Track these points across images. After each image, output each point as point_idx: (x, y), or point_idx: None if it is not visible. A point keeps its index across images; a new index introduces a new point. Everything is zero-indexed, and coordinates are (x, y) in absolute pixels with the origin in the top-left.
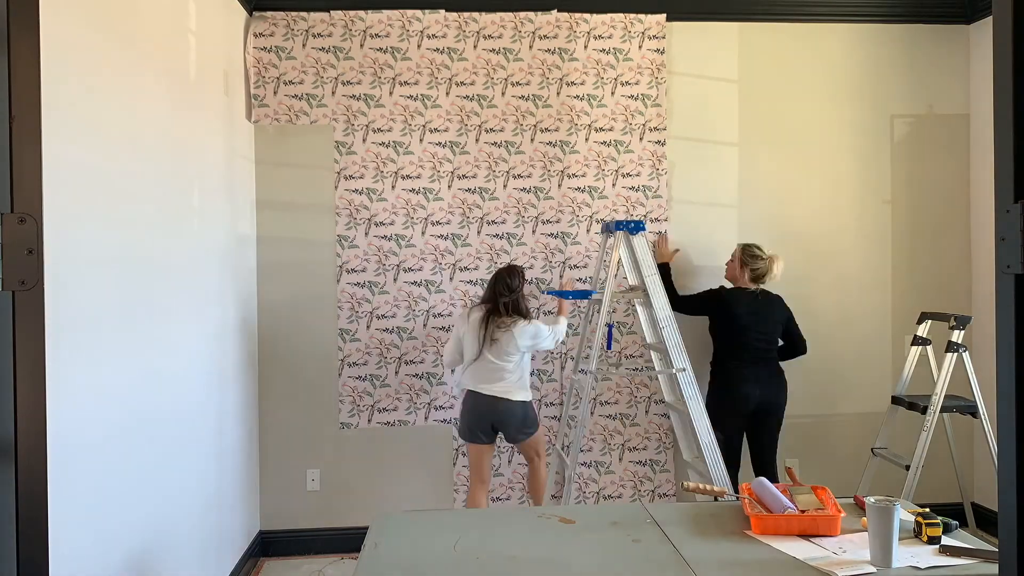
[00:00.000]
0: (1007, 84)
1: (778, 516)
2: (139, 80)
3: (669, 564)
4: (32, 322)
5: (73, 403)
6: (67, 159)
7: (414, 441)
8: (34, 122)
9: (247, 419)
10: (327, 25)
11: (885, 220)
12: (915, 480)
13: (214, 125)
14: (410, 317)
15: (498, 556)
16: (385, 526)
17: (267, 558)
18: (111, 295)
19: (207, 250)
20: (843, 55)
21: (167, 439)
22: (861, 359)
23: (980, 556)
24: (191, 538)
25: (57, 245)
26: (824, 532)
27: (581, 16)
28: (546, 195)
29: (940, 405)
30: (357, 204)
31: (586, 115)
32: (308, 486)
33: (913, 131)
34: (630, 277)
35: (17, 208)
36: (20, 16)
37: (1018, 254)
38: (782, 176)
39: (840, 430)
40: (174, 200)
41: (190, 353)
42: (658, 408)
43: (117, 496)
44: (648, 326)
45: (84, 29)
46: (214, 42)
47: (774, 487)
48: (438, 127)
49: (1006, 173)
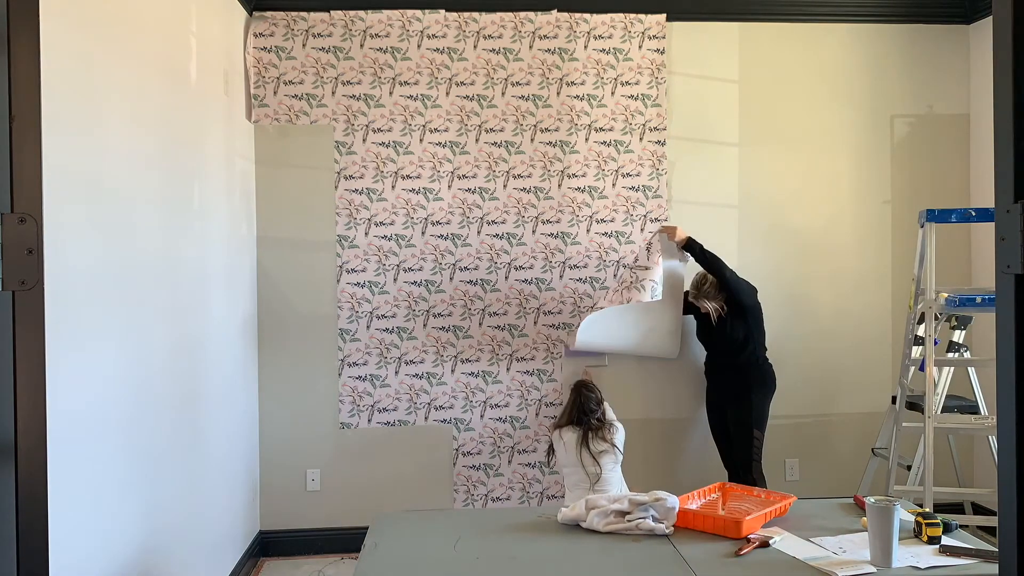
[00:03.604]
0: (1007, 84)
1: (695, 512)
2: (139, 80)
3: (669, 564)
4: (32, 322)
5: (72, 403)
6: (66, 159)
7: (414, 441)
8: (34, 122)
9: (247, 419)
10: (327, 25)
11: (885, 220)
12: (916, 480)
13: (214, 125)
14: (410, 317)
15: (498, 556)
16: (385, 526)
17: (267, 558)
18: (111, 296)
19: (207, 250)
20: (843, 55)
21: (167, 439)
22: (861, 359)
23: (980, 556)
24: (191, 538)
25: (57, 245)
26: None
27: (581, 16)
28: (546, 195)
29: (941, 405)
30: (357, 204)
31: (586, 115)
32: (308, 486)
33: (913, 131)
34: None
35: (17, 208)
36: (20, 16)
37: (1018, 254)
38: (782, 176)
39: (840, 430)
40: (174, 201)
41: (190, 354)
42: (548, 411)
43: (117, 497)
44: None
45: (84, 29)
46: (214, 42)
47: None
48: (438, 127)
49: (1006, 173)
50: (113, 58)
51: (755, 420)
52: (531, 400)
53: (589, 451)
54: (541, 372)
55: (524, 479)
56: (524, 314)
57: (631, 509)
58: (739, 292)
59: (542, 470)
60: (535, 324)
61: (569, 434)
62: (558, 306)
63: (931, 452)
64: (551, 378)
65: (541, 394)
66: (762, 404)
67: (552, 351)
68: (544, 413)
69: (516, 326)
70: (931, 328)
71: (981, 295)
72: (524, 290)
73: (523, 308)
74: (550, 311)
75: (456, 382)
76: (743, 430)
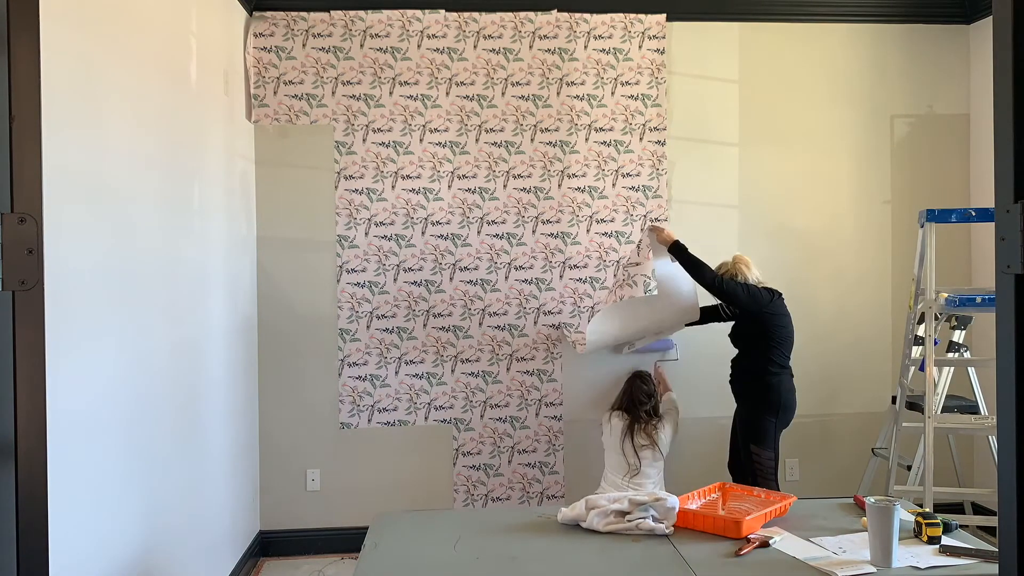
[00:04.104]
0: (1007, 84)
1: (695, 513)
2: (139, 80)
3: (669, 564)
4: (32, 322)
5: (72, 403)
6: (66, 160)
7: (414, 441)
8: (34, 122)
9: (247, 419)
10: (327, 25)
11: (885, 220)
12: (916, 480)
13: (214, 125)
14: (410, 317)
15: (498, 556)
16: (385, 526)
17: (267, 558)
18: (111, 296)
19: (207, 250)
20: (843, 55)
21: (167, 439)
22: (861, 359)
23: (980, 556)
24: (191, 538)
25: (57, 245)
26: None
27: (581, 16)
28: (546, 195)
29: (941, 405)
30: (357, 204)
31: (586, 115)
32: (308, 486)
33: (913, 131)
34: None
35: (17, 208)
36: (20, 16)
37: (1018, 254)
38: (782, 176)
39: (840, 430)
40: (174, 201)
41: (190, 353)
42: (548, 411)
43: (117, 497)
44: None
45: (84, 29)
46: (214, 42)
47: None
48: (438, 127)
49: (1006, 173)
50: (113, 58)
51: (754, 436)
52: (531, 400)
53: (632, 442)
54: (541, 372)
55: (524, 479)
56: (524, 314)
57: (631, 509)
58: (729, 295)
59: (542, 470)
60: (535, 324)
61: (617, 420)
62: (558, 306)
63: (931, 452)
64: (551, 378)
65: (541, 394)
66: (761, 422)
67: (552, 351)
68: (544, 413)
69: (516, 326)
70: (931, 328)
71: (981, 295)
72: (524, 290)
73: (523, 308)
74: (550, 311)
75: (456, 382)
76: (744, 442)
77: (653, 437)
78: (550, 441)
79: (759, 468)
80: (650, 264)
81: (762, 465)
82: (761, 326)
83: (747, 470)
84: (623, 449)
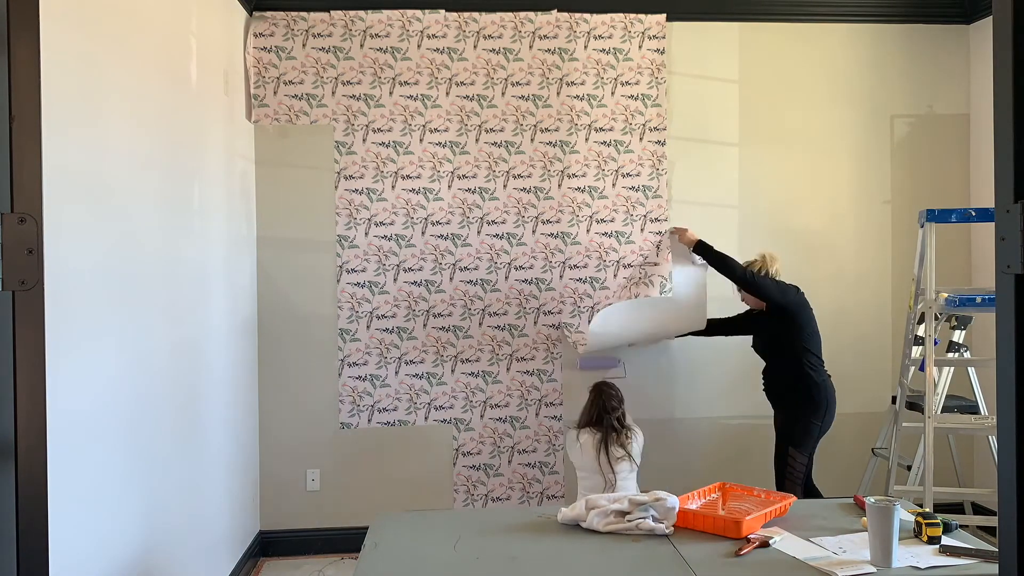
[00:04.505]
0: (1007, 84)
1: (695, 513)
2: (139, 80)
3: (669, 564)
4: (32, 322)
5: (72, 403)
6: (66, 160)
7: (414, 441)
8: (34, 122)
9: (247, 419)
10: (327, 25)
11: (885, 220)
12: (916, 480)
13: (214, 125)
14: (410, 317)
15: (498, 556)
16: (385, 526)
17: (267, 558)
18: (111, 296)
19: (207, 250)
20: (843, 55)
21: (167, 439)
22: (861, 359)
23: (980, 556)
24: (191, 538)
25: (57, 245)
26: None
27: (581, 16)
28: (546, 195)
29: (941, 405)
30: (357, 204)
31: (586, 115)
32: (308, 486)
33: (913, 131)
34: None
35: (17, 208)
36: (20, 16)
37: (1018, 254)
38: (782, 176)
39: (840, 430)
40: (174, 201)
41: (190, 353)
42: (548, 411)
43: (117, 497)
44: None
45: (84, 29)
46: (214, 42)
47: None
48: (438, 127)
49: (1006, 173)
50: (113, 58)
51: (793, 439)
52: (531, 400)
53: (608, 456)
54: (541, 372)
55: (524, 479)
56: (524, 314)
57: (631, 509)
58: (763, 289)
59: (542, 470)
60: (535, 324)
61: (587, 436)
62: (558, 306)
63: (931, 452)
64: (551, 378)
65: (541, 394)
66: (806, 425)
67: (552, 351)
68: (544, 413)
69: (516, 326)
70: (931, 328)
71: (981, 295)
72: (524, 290)
73: (523, 308)
74: (550, 311)
75: (456, 382)
76: (779, 443)
77: (627, 448)
78: (550, 441)
79: (790, 471)
80: (668, 266)
81: (794, 469)
82: (791, 323)
83: (779, 473)
84: (599, 465)
